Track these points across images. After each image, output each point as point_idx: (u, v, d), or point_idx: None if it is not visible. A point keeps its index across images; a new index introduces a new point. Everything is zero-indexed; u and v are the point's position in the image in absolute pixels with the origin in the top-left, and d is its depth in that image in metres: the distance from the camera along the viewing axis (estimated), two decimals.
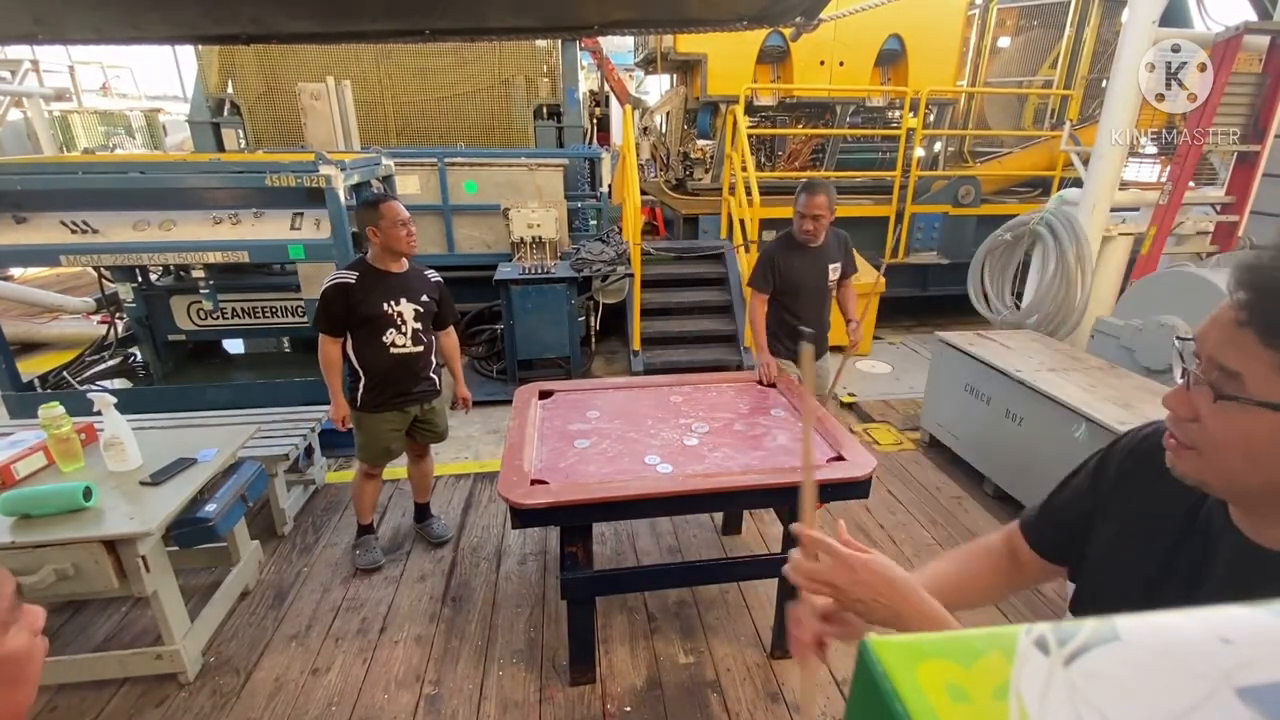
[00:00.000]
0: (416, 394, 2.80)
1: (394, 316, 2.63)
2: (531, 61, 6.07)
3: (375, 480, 2.92)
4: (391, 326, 2.64)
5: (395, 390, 2.73)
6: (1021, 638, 0.31)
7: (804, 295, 3.02)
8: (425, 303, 2.71)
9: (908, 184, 6.04)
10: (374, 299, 2.59)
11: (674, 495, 1.99)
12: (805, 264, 2.97)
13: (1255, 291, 0.64)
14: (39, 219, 3.33)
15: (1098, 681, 0.28)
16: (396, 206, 2.57)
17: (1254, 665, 0.28)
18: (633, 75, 10.71)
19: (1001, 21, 7.91)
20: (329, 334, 2.62)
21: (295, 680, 2.31)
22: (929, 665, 0.29)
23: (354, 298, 2.57)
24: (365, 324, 2.61)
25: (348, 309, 2.57)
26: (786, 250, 3.01)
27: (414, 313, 2.67)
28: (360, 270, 2.61)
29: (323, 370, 2.66)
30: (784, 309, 3.07)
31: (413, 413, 2.83)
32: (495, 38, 4.16)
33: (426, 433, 2.95)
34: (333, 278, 2.60)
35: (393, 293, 2.63)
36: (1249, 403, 0.64)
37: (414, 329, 2.68)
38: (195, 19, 2.11)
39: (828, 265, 3.00)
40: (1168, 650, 0.29)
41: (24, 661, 0.70)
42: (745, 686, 2.29)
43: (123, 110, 12.59)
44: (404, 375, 2.73)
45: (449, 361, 2.98)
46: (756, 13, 2.22)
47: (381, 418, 2.75)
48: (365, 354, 2.65)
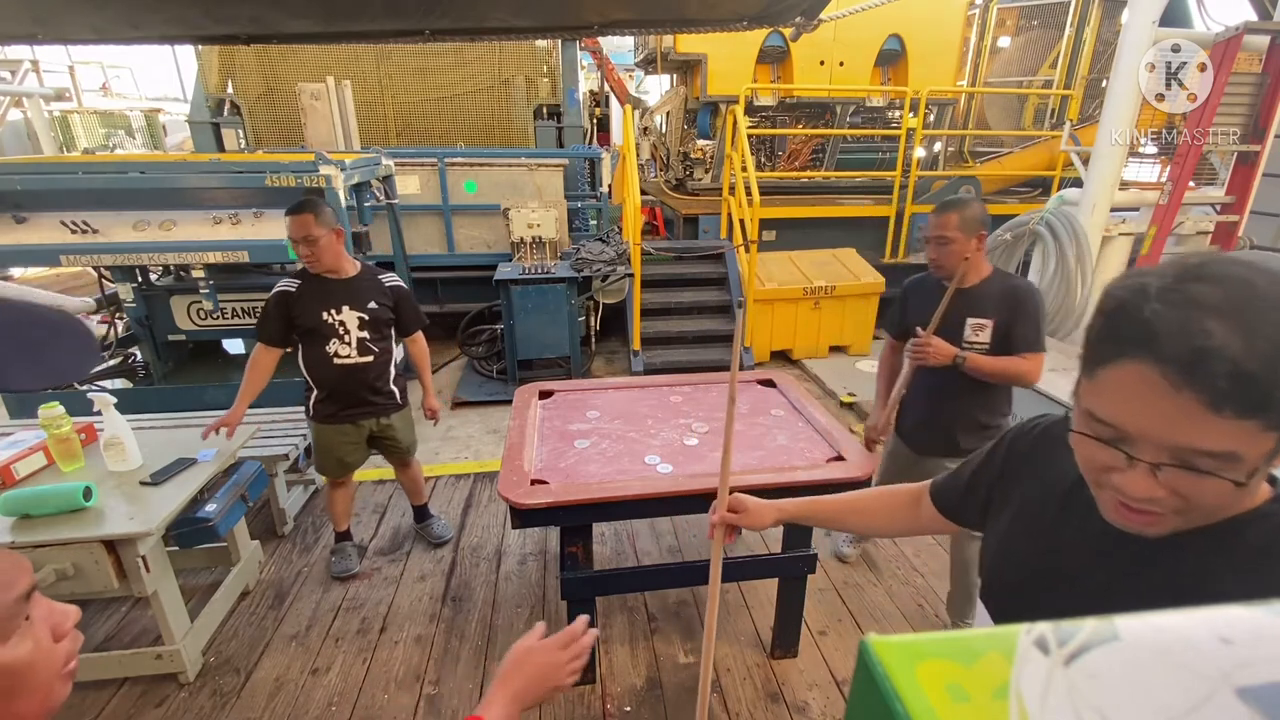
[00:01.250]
0: (370, 407, 2.67)
1: (335, 326, 2.51)
2: (531, 61, 6.07)
3: (344, 488, 2.85)
4: (334, 337, 2.52)
5: (345, 403, 2.62)
6: (1021, 638, 0.31)
7: None
8: (374, 310, 2.56)
9: (908, 184, 6.04)
10: (313, 308, 2.49)
11: (674, 495, 1.99)
12: (931, 308, 2.13)
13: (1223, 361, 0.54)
14: (39, 219, 3.33)
15: (1098, 681, 0.28)
16: (295, 222, 2.41)
17: (1254, 665, 0.28)
18: (633, 75, 10.72)
19: (1001, 21, 7.92)
20: (265, 343, 2.53)
21: (295, 680, 2.31)
22: (929, 665, 0.29)
23: (293, 308, 2.48)
24: (307, 334, 2.51)
25: (287, 319, 2.49)
26: (923, 286, 2.27)
27: (359, 321, 2.54)
28: (303, 279, 2.51)
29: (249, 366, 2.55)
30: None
31: (367, 426, 2.70)
32: (495, 38, 4.15)
33: (389, 447, 2.82)
34: (276, 286, 2.51)
35: (333, 301, 2.51)
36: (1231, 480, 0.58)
37: (359, 338, 2.55)
38: (195, 19, 2.11)
39: (966, 318, 2.08)
40: (1168, 650, 0.29)
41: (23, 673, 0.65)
42: (745, 686, 2.29)
43: (123, 110, 12.58)
44: (353, 387, 2.60)
45: (418, 370, 2.84)
46: (756, 13, 2.22)
47: (335, 429, 2.65)
48: (311, 366, 2.56)
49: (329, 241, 2.46)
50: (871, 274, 5.58)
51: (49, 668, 0.68)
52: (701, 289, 5.60)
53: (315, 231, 2.42)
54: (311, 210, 2.43)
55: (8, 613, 0.64)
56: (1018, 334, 2.04)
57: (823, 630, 2.54)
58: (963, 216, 2.02)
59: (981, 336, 2.07)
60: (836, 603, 2.69)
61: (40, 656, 0.67)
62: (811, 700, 2.23)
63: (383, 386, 2.69)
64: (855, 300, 5.51)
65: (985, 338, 2.07)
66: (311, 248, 2.43)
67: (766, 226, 5.55)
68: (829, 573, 2.86)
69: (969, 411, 2.20)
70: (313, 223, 2.41)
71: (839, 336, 5.65)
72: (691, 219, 6.50)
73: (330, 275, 2.52)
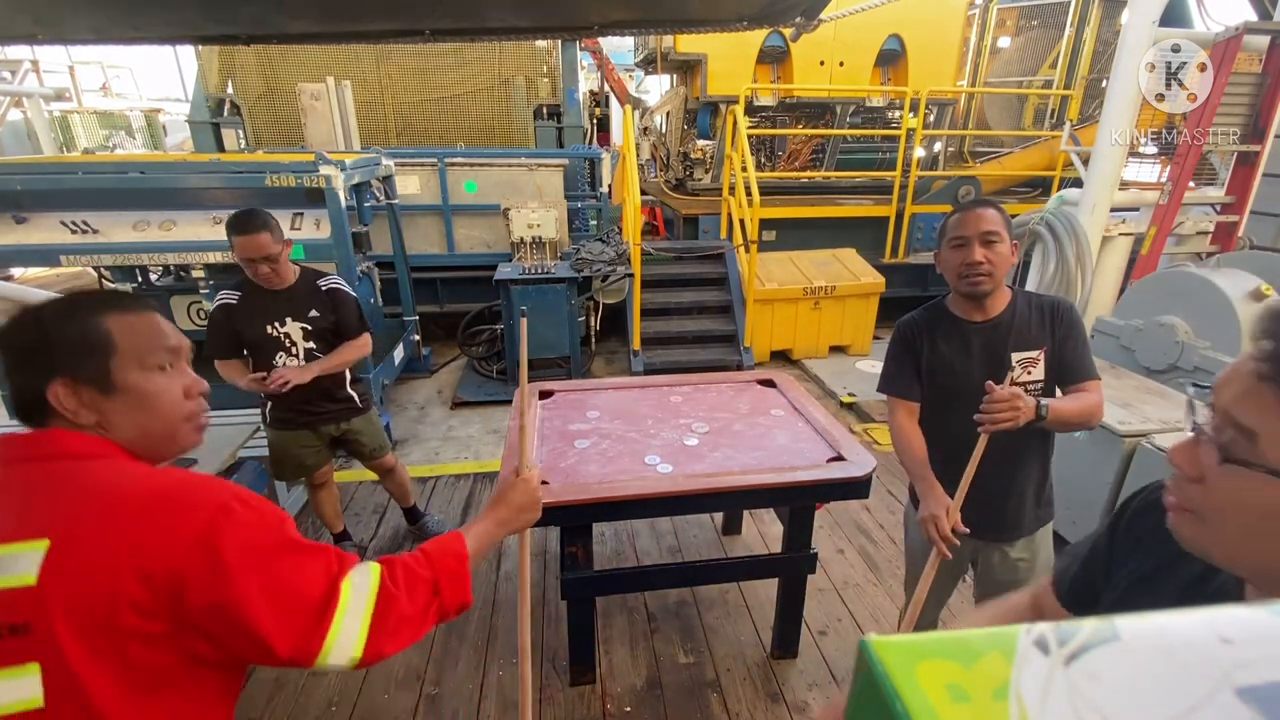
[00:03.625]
0: (328, 414, 2.61)
1: (280, 339, 2.41)
2: (531, 61, 6.08)
3: (325, 489, 2.79)
4: (280, 350, 2.41)
5: (299, 410, 2.53)
6: (1021, 638, 0.31)
7: (966, 410, 1.55)
8: (315, 318, 2.44)
9: (908, 184, 6.05)
10: (256, 322, 2.38)
11: (674, 495, 1.99)
12: (969, 350, 1.69)
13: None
14: (39, 219, 3.33)
15: (1098, 681, 0.28)
16: (245, 244, 2.20)
17: (1254, 665, 0.28)
18: (633, 75, 10.72)
19: (1001, 21, 7.92)
20: (221, 358, 2.40)
21: (295, 680, 2.31)
22: (929, 665, 0.29)
23: (237, 321, 2.37)
24: (254, 348, 2.42)
25: (233, 333, 2.38)
26: (933, 326, 1.74)
27: (303, 332, 2.43)
28: (243, 290, 2.39)
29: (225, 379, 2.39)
30: (932, 434, 1.76)
31: (328, 431, 2.65)
32: (495, 38, 4.16)
33: (357, 448, 2.77)
34: (217, 299, 2.39)
35: (275, 313, 2.39)
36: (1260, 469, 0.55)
37: (306, 349, 2.45)
38: (195, 19, 2.11)
39: (1011, 355, 1.65)
40: (1168, 650, 0.29)
41: (150, 398, 0.86)
42: (745, 686, 2.29)
43: (123, 110, 12.58)
44: (308, 395, 2.47)
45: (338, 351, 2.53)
46: (756, 13, 2.22)
47: (292, 435, 2.58)
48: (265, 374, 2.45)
49: (285, 255, 2.33)
50: (871, 274, 5.58)
51: (172, 405, 0.89)
52: (701, 289, 5.60)
53: (274, 249, 2.25)
54: (265, 227, 2.23)
55: (150, 349, 0.87)
56: (1074, 361, 1.66)
57: (823, 630, 2.54)
58: (1003, 214, 1.62)
59: (1035, 374, 1.65)
60: (836, 603, 2.69)
61: (166, 394, 0.88)
62: (811, 700, 2.23)
63: (339, 393, 2.61)
64: (855, 300, 5.51)
65: (1039, 374, 1.65)
66: (273, 265, 2.28)
67: (766, 226, 5.54)
68: (829, 573, 2.86)
69: (1037, 476, 1.76)
70: (269, 241, 2.24)
71: (839, 336, 5.65)
72: (691, 219, 6.50)
73: (266, 285, 2.39)
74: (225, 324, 2.38)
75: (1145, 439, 2.58)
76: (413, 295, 4.95)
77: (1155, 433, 2.59)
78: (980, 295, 1.64)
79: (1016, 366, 1.64)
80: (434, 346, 5.64)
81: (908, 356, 1.78)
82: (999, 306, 1.68)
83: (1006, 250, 1.60)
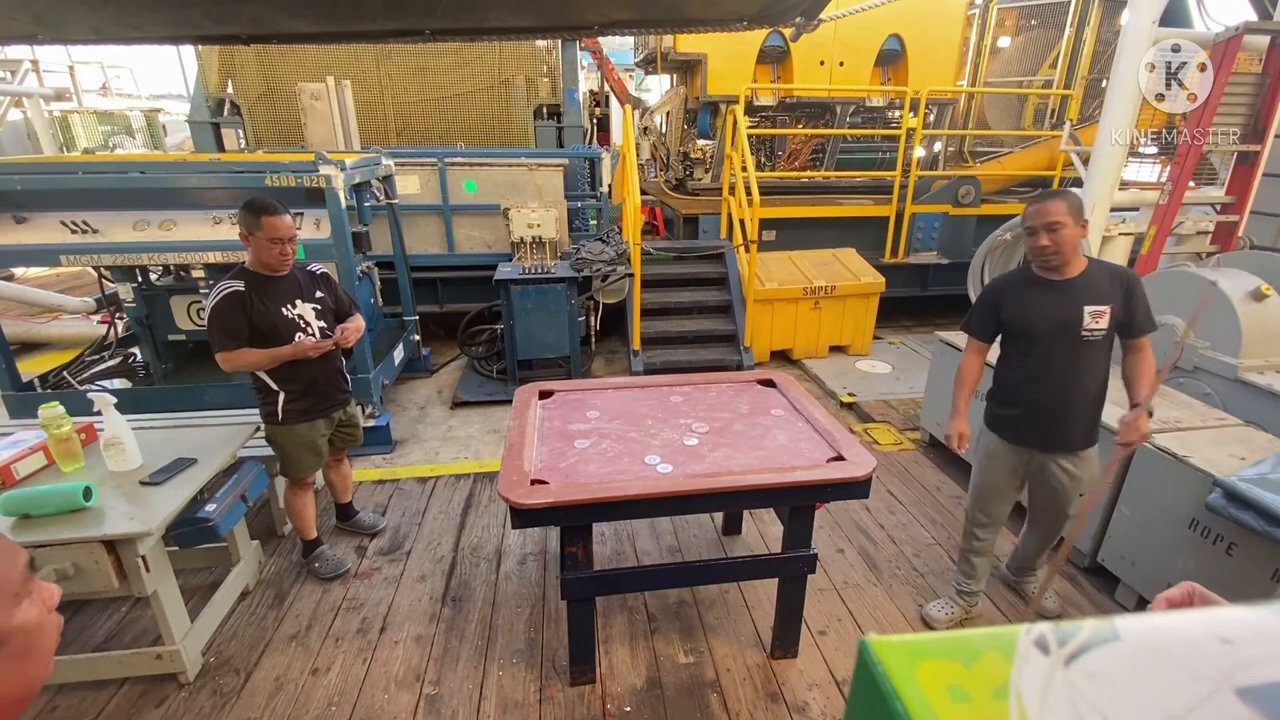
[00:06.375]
0: (340, 398, 2.74)
1: (296, 320, 2.49)
2: (531, 61, 6.07)
3: (308, 491, 2.80)
4: (297, 330, 2.49)
5: (319, 396, 2.62)
6: (1021, 638, 0.31)
7: (1042, 347, 2.18)
8: (321, 299, 2.59)
9: (908, 184, 6.04)
10: (271, 307, 2.42)
11: (674, 495, 1.99)
12: (1047, 302, 2.15)
13: None
14: (39, 219, 3.33)
15: (1098, 681, 0.28)
16: (278, 223, 2.35)
17: (1254, 665, 0.28)
18: (633, 75, 10.72)
19: (1001, 21, 7.92)
20: (233, 348, 2.39)
21: (295, 680, 2.31)
22: (929, 665, 0.29)
23: (251, 308, 2.38)
24: (269, 335, 2.43)
25: (245, 319, 2.39)
26: (1019, 283, 2.24)
27: (314, 312, 2.56)
28: (246, 278, 2.42)
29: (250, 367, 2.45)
30: (1011, 366, 2.29)
31: (337, 418, 2.76)
32: (495, 38, 4.16)
33: (348, 436, 2.87)
34: (222, 289, 2.38)
35: (288, 296, 2.49)
36: None
37: (319, 328, 2.57)
38: (195, 19, 2.11)
39: (1083, 307, 2.10)
40: (1168, 650, 0.29)
41: (35, 634, 0.72)
42: (745, 686, 2.29)
43: (123, 110, 12.59)
44: (329, 374, 2.63)
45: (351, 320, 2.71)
46: (756, 13, 2.22)
47: (309, 426, 2.63)
48: (280, 366, 2.48)
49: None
50: (871, 274, 5.58)
51: (53, 632, 0.76)
52: (701, 289, 5.60)
53: (295, 230, 2.44)
54: (287, 209, 2.41)
55: (22, 577, 0.72)
56: (1137, 318, 2.12)
57: (823, 630, 2.54)
58: (1069, 203, 2.03)
59: (1100, 323, 2.11)
60: (836, 603, 2.69)
61: (46, 621, 0.75)
62: (811, 700, 2.23)
63: (346, 373, 2.78)
64: (855, 300, 5.51)
65: (1104, 324, 2.11)
66: (292, 246, 2.43)
67: (766, 226, 5.53)
68: (829, 573, 2.86)
69: (1096, 398, 2.23)
70: (292, 221, 2.42)
71: (839, 336, 5.65)
72: (691, 219, 6.49)
73: (269, 273, 2.47)
74: (237, 312, 2.39)
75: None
76: (413, 295, 4.95)
77: (1155, 432, 2.59)
78: (1050, 268, 2.13)
79: (1087, 316, 2.10)
80: (434, 346, 5.64)
81: (990, 308, 2.27)
82: (1076, 270, 2.12)
83: (1071, 233, 2.04)
